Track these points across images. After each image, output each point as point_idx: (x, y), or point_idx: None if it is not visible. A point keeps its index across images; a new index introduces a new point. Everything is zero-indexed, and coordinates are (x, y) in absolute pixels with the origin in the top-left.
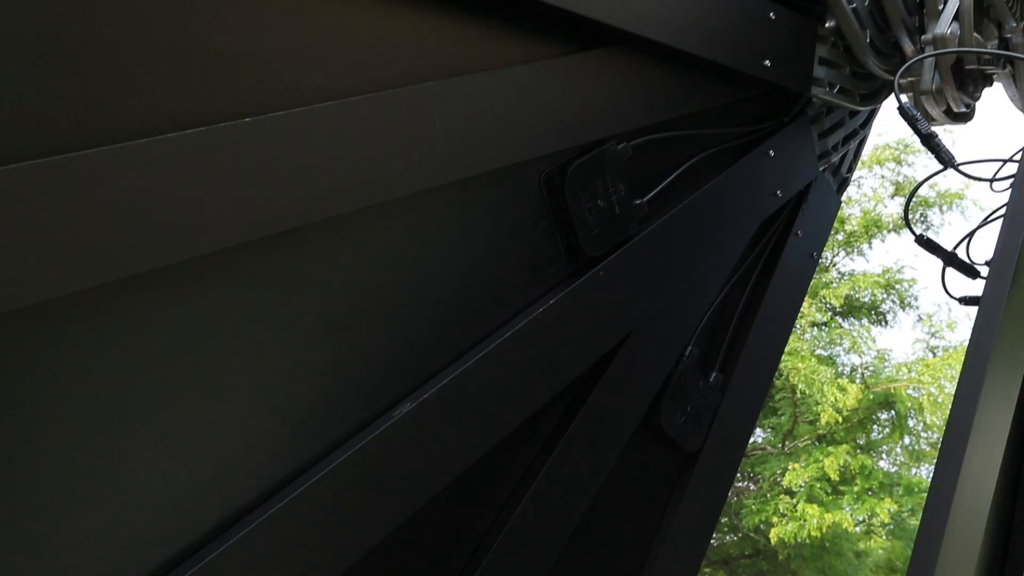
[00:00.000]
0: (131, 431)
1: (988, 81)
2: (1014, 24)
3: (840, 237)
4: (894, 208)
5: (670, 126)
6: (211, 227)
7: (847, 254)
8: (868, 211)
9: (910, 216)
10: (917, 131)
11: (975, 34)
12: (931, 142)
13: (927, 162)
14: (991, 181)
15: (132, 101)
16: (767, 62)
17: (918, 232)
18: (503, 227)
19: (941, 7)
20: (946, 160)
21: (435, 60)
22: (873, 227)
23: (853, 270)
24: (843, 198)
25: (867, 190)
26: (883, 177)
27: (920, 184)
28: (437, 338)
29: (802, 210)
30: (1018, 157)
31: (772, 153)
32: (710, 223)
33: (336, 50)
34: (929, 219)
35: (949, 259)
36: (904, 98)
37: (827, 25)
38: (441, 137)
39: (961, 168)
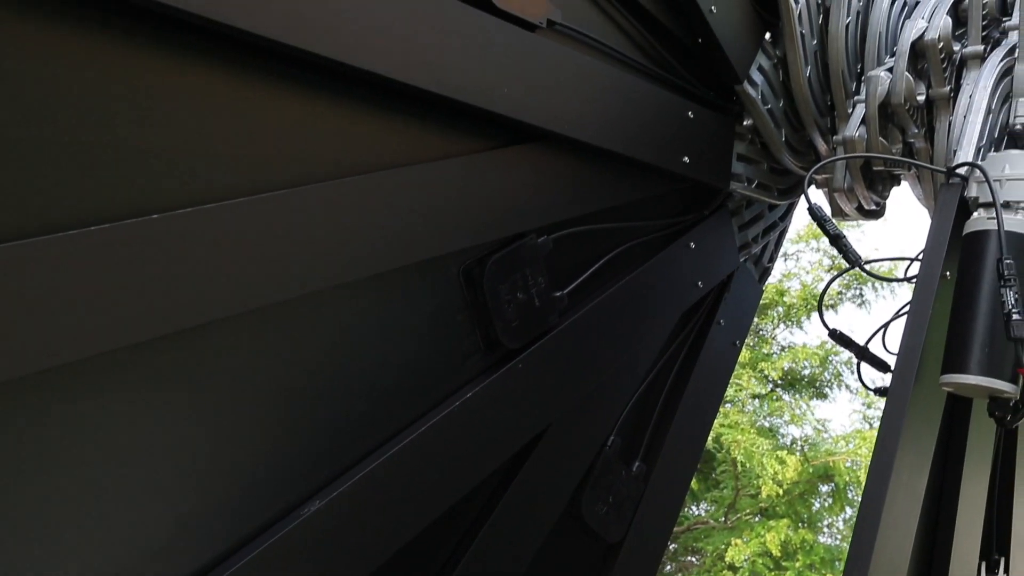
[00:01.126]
0: (13, 534)
1: (896, 181)
2: (915, 130)
3: (780, 310)
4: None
5: (591, 219)
6: (109, 326)
7: (787, 327)
8: (807, 285)
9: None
10: (826, 232)
11: (881, 138)
12: (839, 243)
13: (860, 236)
14: (902, 281)
15: (30, 197)
16: (686, 158)
17: (831, 327)
18: (420, 320)
19: (850, 110)
20: (853, 260)
21: (354, 155)
22: (812, 300)
23: (792, 343)
24: (783, 271)
25: (805, 264)
26: (821, 251)
27: (828, 284)
28: (350, 433)
29: (724, 299)
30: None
31: (693, 245)
32: (631, 314)
33: (254, 145)
34: (865, 295)
35: (861, 353)
36: (822, 194)
37: (745, 123)
38: (359, 232)
39: (866, 268)
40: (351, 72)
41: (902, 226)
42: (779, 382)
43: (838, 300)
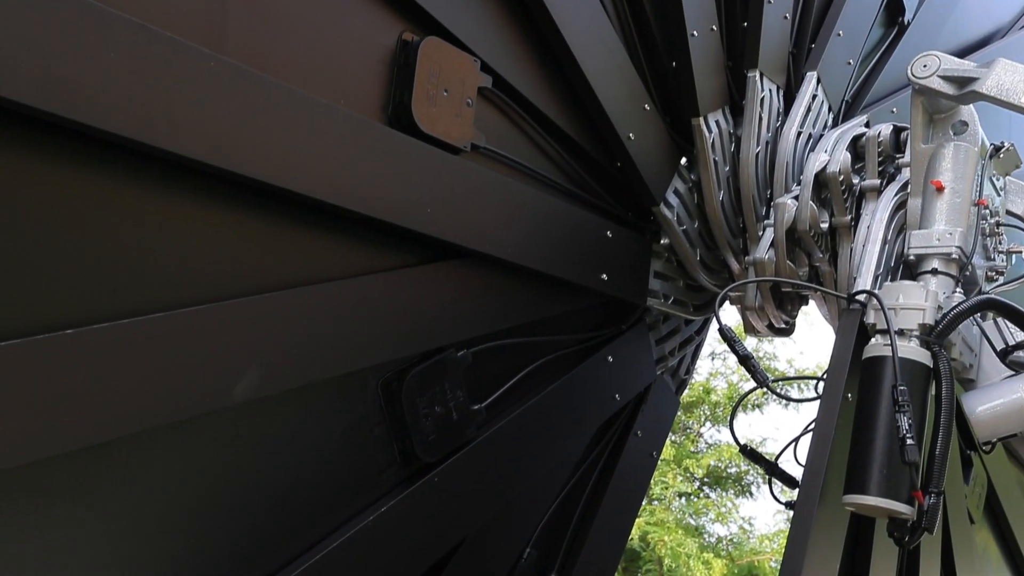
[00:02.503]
0: None
1: (804, 301)
2: (820, 255)
3: (706, 409)
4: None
5: (511, 333)
6: (13, 440)
7: (712, 425)
8: (733, 384)
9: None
10: (735, 352)
11: (788, 262)
12: (747, 364)
13: (785, 339)
14: (807, 401)
15: None
16: (605, 275)
17: (743, 443)
18: (336, 433)
19: (761, 233)
20: (760, 381)
21: (278, 270)
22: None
23: (718, 440)
24: (708, 371)
25: (732, 363)
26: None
27: (739, 402)
28: (261, 548)
29: (641, 411)
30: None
31: (611, 359)
32: (549, 427)
33: (174, 260)
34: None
35: (771, 469)
36: (736, 311)
37: (662, 242)
38: (278, 347)
39: (773, 387)
40: (277, 192)
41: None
42: (705, 480)
43: (763, 400)
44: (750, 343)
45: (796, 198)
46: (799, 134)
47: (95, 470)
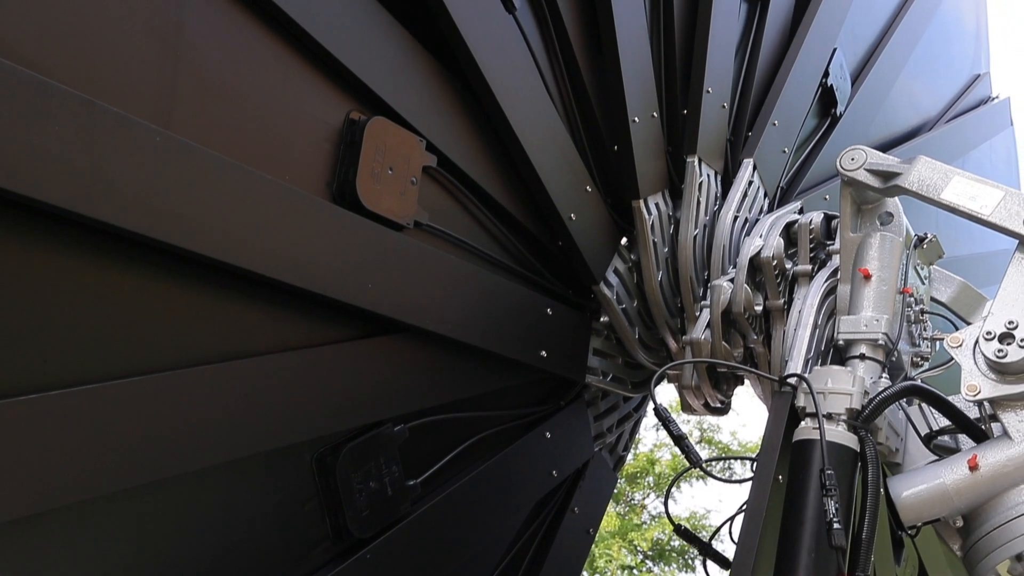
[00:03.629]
0: None
1: (739, 380)
2: (755, 337)
3: (651, 480)
4: (704, 454)
5: (448, 409)
6: None
7: (657, 496)
8: (676, 456)
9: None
10: (669, 432)
11: (724, 342)
12: (681, 443)
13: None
14: (740, 482)
15: None
16: (544, 352)
17: (677, 523)
18: (268, 507)
19: (698, 314)
20: (694, 461)
21: (214, 343)
22: (681, 469)
23: (663, 513)
24: (653, 442)
25: None
26: (689, 422)
27: (672, 482)
28: None
29: (579, 487)
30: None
31: (549, 435)
32: (485, 503)
33: (109, 331)
34: (734, 468)
35: (704, 549)
36: (673, 389)
37: (601, 320)
38: (210, 419)
39: (706, 467)
40: (216, 265)
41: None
42: (649, 553)
43: (712, 466)
44: (696, 416)
45: (732, 281)
46: (735, 218)
47: (17, 544)
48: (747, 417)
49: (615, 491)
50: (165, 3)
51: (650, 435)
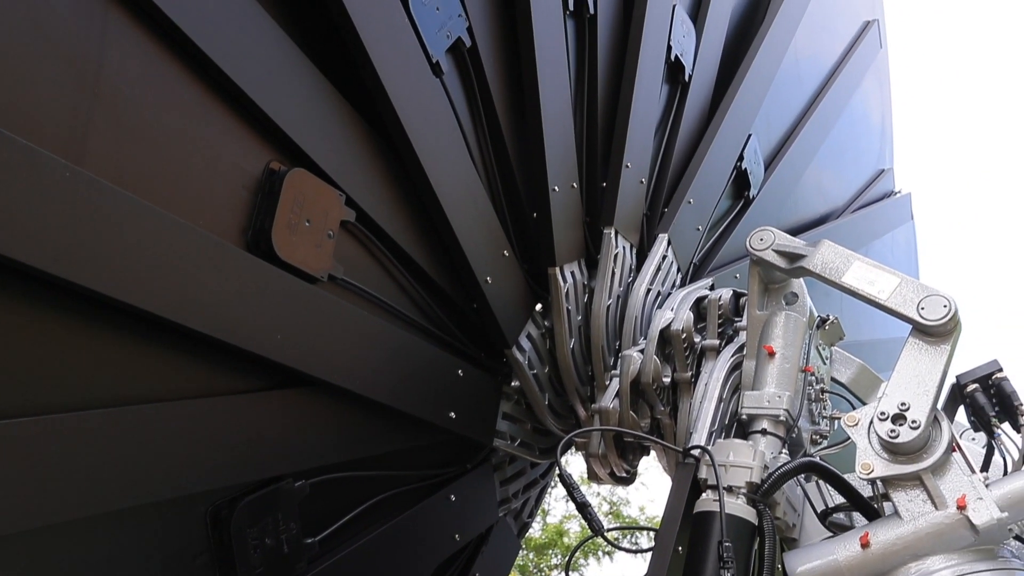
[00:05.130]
0: None
1: (645, 451)
2: (662, 408)
3: (558, 551)
4: (609, 525)
5: (353, 466)
6: None
7: (562, 571)
8: (585, 527)
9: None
10: (573, 499)
11: (632, 412)
12: (584, 511)
13: (634, 485)
14: (640, 552)
15: None
16: (453, 414)
17: None
18: (156, 560)
19: (608, 383)
20: (596, 529)
21: (111, 386)
22: (590, 544)
23: None
24: (563, 513)
25: None
26: (599, 494)
27: (574, 551)
28: None
29: (481, 553)
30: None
31: (453, 498)
32: (385, 564)
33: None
34: (640, 541)
35: None
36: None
37: (512, 384)
38: (99, 466)
39: (608, 536)
40: (119, 306)
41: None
42: None
43: (620, 539)
44: (607, 487)
45: (642, 351)
46: (648, 291)
47: None
48: (656, 492)
49: (522, 563)
50: (87, 40)
51: (559, 506)
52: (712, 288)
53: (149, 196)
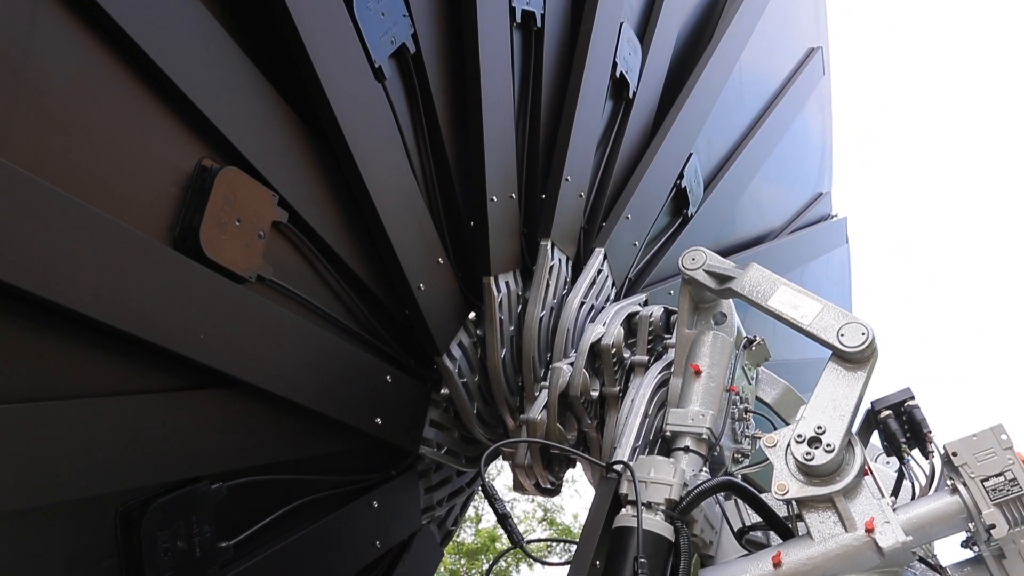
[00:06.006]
0: None
1: (571, 463)
2: (589, 421)
3: (490, 557)
4: (543, 533)
5: (274, 470)
6: None
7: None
8: (538, 539)
9: None
10: (495, 510)
11: (559, 424)
12: (504, 522)
13: (568, 492)
14: (558, 565)
15: None
16: (379, 419)
17: None
18: (59, 563)
19: (537, 394)
20: (516, 541)
21: (20, 381)
22: (518, 553)
23: None
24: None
25: (520, 513)
26: (534, 501)
27: (495, 561)
28: None
29: (403, 560)
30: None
31: (376, 504)
32: (302, 570)
33: None
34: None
35: None
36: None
37: (441, 392)
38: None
39: (528, 548)
40: (31, 298)
41: None
42: None
43: (547, 553)
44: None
45: (572, 364)
46: (582, 304)
47: None
48: (590, 500)
49: (454, 568)
50: (14, 25)
51: (492, 512)
52: (646, 304)
53: (72, 188)
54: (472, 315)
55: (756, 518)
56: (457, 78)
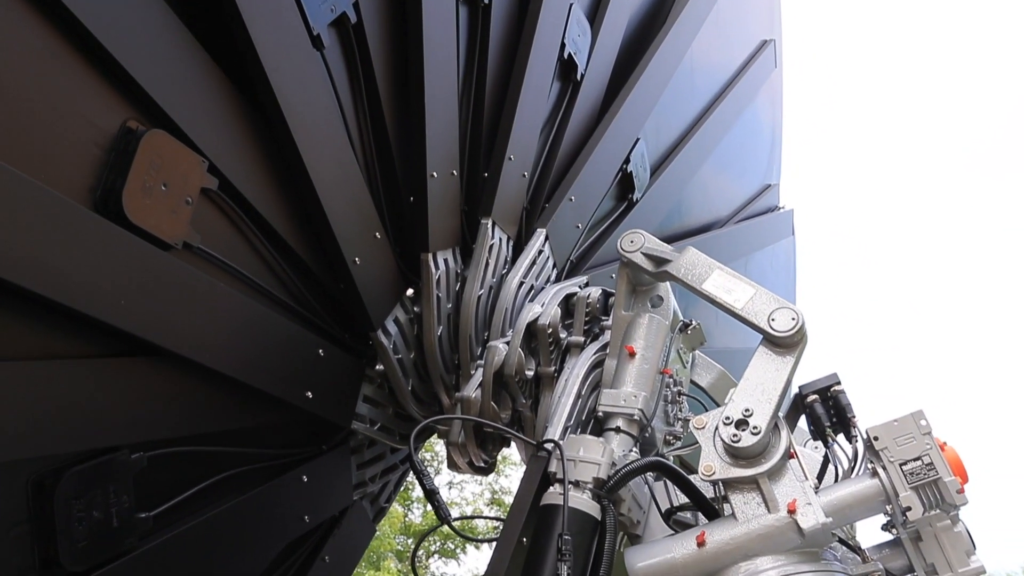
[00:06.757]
0: None
1: (505, 442)
2: (524, 400)
3: (436, 540)
4: (491, 512)
5: (198, 441)
6: None
7: (441, 557)
8: (465, 516)
9: None
10: (423, 485)
11: (493, 403)
12: (432, 498)
13: (518, 474)
14: (485, 542)
15: None
16: (309, 393)
17: None
18: None
19: (473, 372)
20: (443, 517)
21: None
22: (470, 532)
23: (445, 574)
24: (447, 500)
25: (468, 495)
26: (484, 483)
27: (422, 539)
28: None
29: (333, 535)
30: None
31: (306, 478)
32: (226, 543)
33: None
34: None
35: None
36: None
37: (376, 368)
38: None
39: (455, 525)
40: None
41: None
42: None
43: (493, 531)
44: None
45: (508, 343)
46: (521, 284)
47: None
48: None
49: (401, 548)
50: None
51: (442, 492)
52: (586, 286)
53: None
54: (410, 292)
55: (685, 499)
56: (400, 51)
